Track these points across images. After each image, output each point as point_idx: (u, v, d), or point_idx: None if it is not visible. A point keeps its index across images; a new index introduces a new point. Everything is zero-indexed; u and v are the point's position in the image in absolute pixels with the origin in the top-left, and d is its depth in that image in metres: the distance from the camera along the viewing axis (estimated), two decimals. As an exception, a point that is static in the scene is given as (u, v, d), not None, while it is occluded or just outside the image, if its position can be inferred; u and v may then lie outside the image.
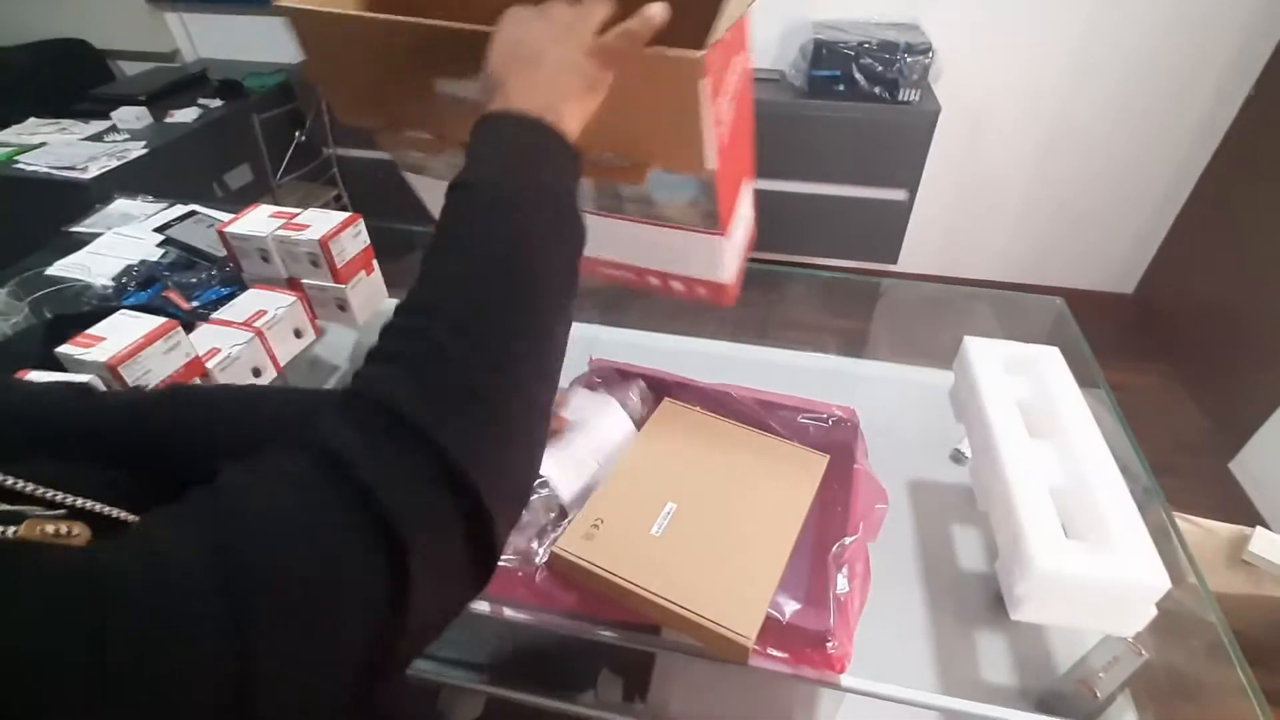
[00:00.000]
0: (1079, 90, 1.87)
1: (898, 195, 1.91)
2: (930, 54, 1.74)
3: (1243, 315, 1.73)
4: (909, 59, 1.73)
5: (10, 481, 0.28)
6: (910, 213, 1.94)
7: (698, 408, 0.72)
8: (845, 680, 0.54)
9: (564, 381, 0.83)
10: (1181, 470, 1.59)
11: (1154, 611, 0.54)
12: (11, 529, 0.26)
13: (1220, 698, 0.65)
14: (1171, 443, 1.68)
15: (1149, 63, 1.80)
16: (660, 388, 0.76)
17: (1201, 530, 1.33)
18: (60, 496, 0.29)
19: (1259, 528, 1.28)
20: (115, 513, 0.30)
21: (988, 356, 0.74)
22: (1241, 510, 1.53)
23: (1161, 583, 0.52)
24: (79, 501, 0.30)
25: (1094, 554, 0.54)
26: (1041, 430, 0.67)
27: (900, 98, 1.78)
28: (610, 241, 0.65)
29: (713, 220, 0.60)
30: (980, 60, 1.87)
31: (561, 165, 0.39)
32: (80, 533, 0.27)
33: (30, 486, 0.29)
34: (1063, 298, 1.01)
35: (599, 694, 0.84)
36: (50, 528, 0.27)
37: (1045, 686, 0.64)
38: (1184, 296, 1.99)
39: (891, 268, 2.12)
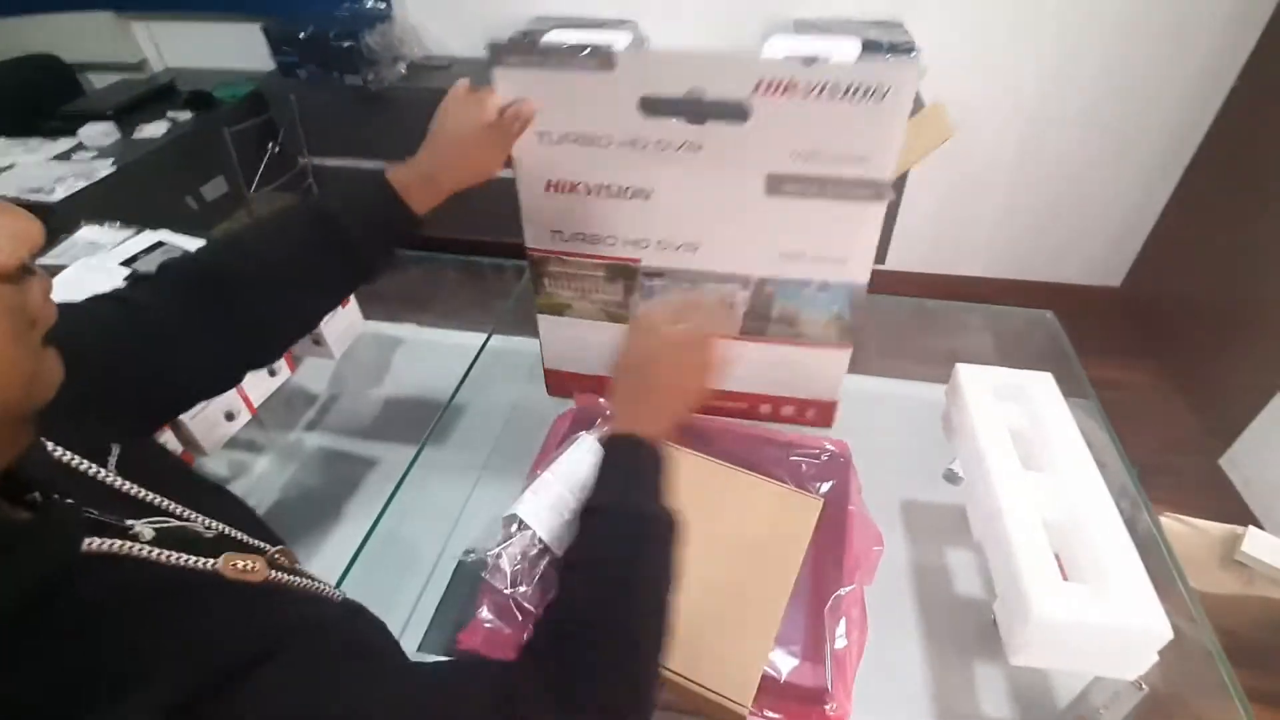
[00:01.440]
0: (1063, 84, 1.85)
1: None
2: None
3: (1231, 308, 1.73)
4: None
5: (123, 485, 0.35)
6: (898, 213, 1.92)
7: (686, 448, 0.70)
8: (844, 737, 0.53)
9: (549, 417, 0.82)
10: (1171, 468, 1.59)
11: (1156, 657, 0.53)
12: (211, 561, 0.33)
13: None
14: (1160, 439, 1.68)
15: (1132, 56, 1.78)
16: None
17: (1193, 530, 1.33)
18: (161, 502, 0.36)
19: (1250, 527, 1.29)
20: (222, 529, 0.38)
21: (980, 384, 0.72)
22: (1232, 507, 1.53)
23: (1164, 631, 0.51)
24: (181, 510, 0.36)
25: (1094, 602, 0.52)
26: (1036, 461, 0.66)
27: (884, 97, 1.76)
28: (737, 371, 0.72)
29: (847, 335, 0.71)
30: (964, 58, 1.85)
31: (664, 479, 0.50)
32: (259, 568, 0.35)
33: (140, 491, 0.35)
34: (1053, 311, 1.00)
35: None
36: (240, 563, 0.34)
37: (1046, 724, 0.63)
38: (1171, 290, 1.99)
39: (880, 268, 2.11)
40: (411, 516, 0.76)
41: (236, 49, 2.26)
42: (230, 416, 0.81)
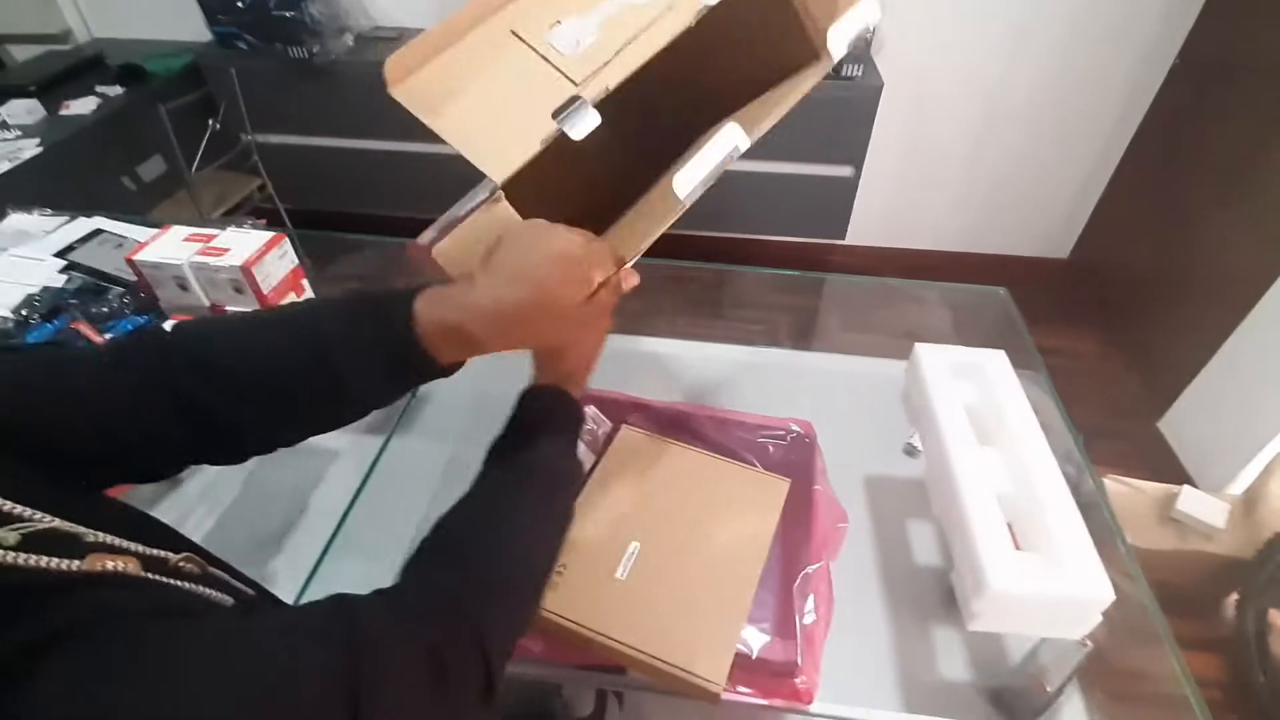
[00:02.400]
0: (1014, 61, 1.89)
1: (844, 171, 1.91)
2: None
3: (1170, 279, 1.82)
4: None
5: None
6: (856, 189, 1.95)
7: (656, 434, 0.70)
8: (813, 707, 0.55)
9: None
10: (1114, 432, 1.67)
11: (1100, 618, 0.56)
12: (75, 562, 0.31)
13: (1154, 670, 0.69)
14: (1105, 404, 1.77)
15: (1079, 36, 1.82)
16: (615, 409, 0.74)
17: (1133, 490, 1.41)
18: (23, 511, 0.32)
19: (1185, 487, 1.37)
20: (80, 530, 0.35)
21: (938, 363, 0.74)
22: (1169, 468, 1.62)
23: (1107, 595, 0.54)
24: (46, 519, 0.33)
25: (1044, 571, 0.55)
26: (990, 437, 0.69)
27: (844, 73, 1.77)
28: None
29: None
30: (921, 33, 1.86)
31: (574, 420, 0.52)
32: (131, 569, 0.33)
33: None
34: (1005, 285, 1.03)
35: (572, 707, 0.83)
36: (110, 563, 0.32)
37: (999, 682, 0.66)
38: (1115, 261, 2.07)
39: (840, 243, 2.14)
40: (380, 509, 0.75)
41: (169, 18, 2.13)
42: (184, 413, 0.78)
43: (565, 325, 0.47)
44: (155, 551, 0.37)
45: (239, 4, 1.90)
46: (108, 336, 0.88)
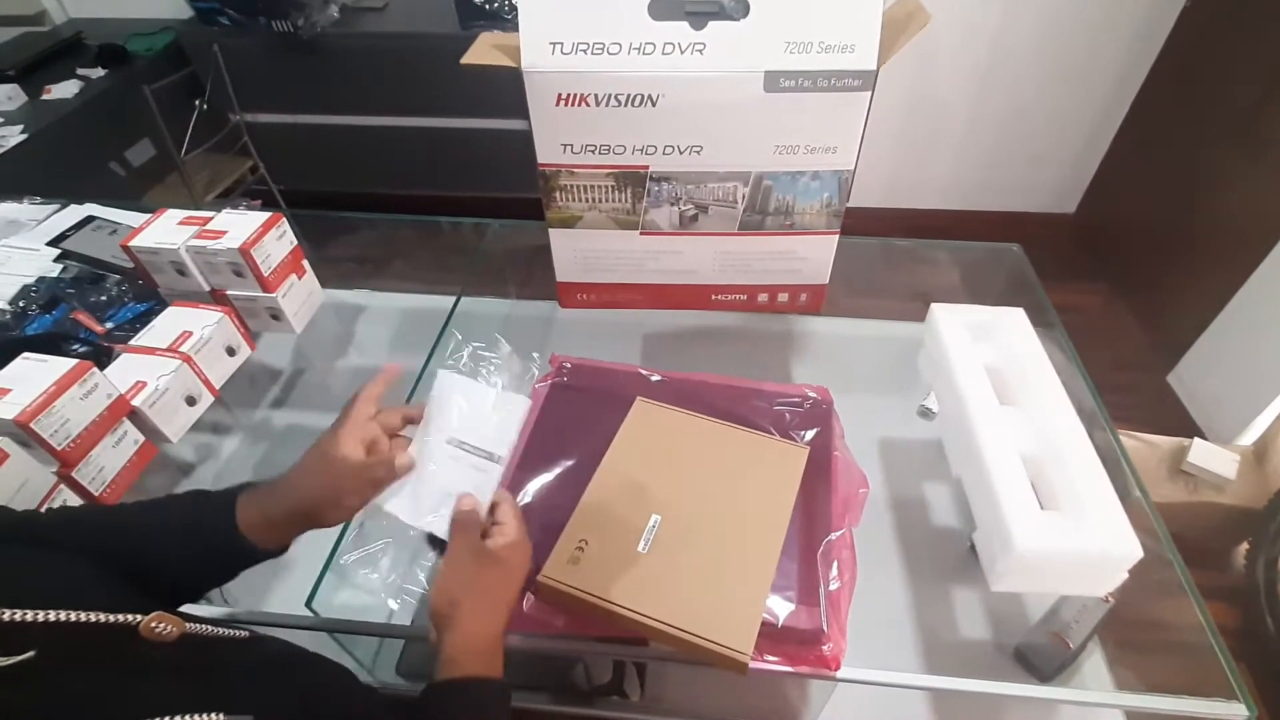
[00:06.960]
0: (1017, 11, 1.83)
1: (845, 130, 1.87)
2: None
3: (1178, 232, 1.79)
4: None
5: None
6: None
7: (671, 405, 0.69)
8: (839, 674, 0.55)
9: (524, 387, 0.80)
10: (1123, 386, 1.66)
11: (1125, 575, 0.56)
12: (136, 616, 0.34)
13: (1172, 620, 0.69)
14: (1113, 359, 1.75)
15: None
16: (630, 382, 0.73)
17: (1144, 445, 1.41)
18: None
19: (1196, 439, 1.36)
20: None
21: (955, 323, 0.73)
22: (1179, 421, 1.62)
23: (1134, 552, 0.53)
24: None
25: (1070, 529, 0.55)
26: (1011, 396, 0.68)
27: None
28: (736, 265, 0.80)
29: (835, 220, 0.76)
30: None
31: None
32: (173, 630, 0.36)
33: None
34: (1019, 244, 1.01)
35: (591, 675, 0.84)
36: (155, 625, 0.35)
37: (1020, 639, 0.67)
38: (1123, 215, 2.04)
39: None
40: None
41: (146, -7, 2.07)
42: (191, 401, 0.77)
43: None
44: (121, 618, 0.34)
45: (217, -23, 1.84)
46: (109, 326, 0.87)
